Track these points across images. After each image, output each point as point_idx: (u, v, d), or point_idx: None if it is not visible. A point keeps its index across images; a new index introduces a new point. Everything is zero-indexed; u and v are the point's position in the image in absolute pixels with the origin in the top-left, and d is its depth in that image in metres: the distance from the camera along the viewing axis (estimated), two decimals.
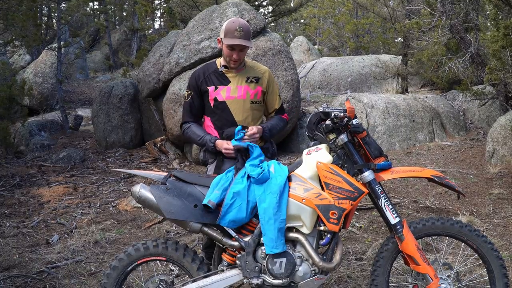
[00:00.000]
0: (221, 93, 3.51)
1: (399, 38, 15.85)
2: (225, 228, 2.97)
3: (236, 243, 2.97)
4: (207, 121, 3.62)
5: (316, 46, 26.52)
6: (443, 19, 9.39)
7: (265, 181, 2.96)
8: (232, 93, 3.51)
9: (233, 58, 3.45)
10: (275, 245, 2.86)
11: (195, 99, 3.60)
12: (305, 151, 3.07)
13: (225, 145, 3.37)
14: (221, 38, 3.47)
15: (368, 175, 2.97)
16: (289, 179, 3.00)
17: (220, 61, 3.63)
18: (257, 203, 2.91)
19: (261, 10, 18.54)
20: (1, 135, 10.14)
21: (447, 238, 3.33)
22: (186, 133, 3.64)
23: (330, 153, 3.01)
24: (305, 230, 2.94)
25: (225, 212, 2.91)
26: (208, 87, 3.53)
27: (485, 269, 3.10)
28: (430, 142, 9.26)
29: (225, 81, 3.54)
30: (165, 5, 22.17)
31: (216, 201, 2.94)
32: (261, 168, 3.02)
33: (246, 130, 3.35)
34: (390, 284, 3.13)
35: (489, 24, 11.74)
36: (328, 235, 2.95)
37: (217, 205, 2.96)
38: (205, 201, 2.95)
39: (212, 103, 3.53)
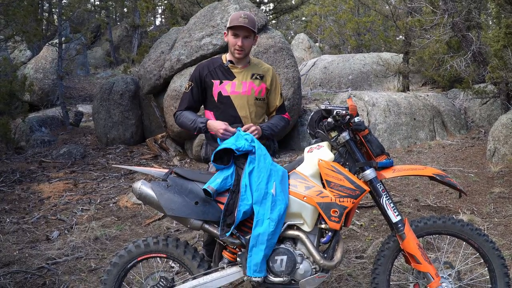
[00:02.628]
0: (226, 87, 3.51)
1: (401, 36, 15.83)
2: None
3: (237, 241, 2.96)
4: (210, 115, 3.60)
5: (317, 44, 26.50)
6: (445, 17, 9.37)
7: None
8: (236, 88, 3.51)
9: (237, 46, 3.45)
10: (259, 269, 2.85)
11: (195, 91, 3.60)
12: (306, 149, 3.06)
13: (223, 126, 3.29)
14: (227, 30, 3.50)
15: (369, 173, 2.96)
16: (290, 176, 2.99)
17: (225, 57, 3.63)
18: (253, 223, 2.87)
19: (263, 7, 18.51)
20: (1, 130, 10.13)
21: (448, 236, 3.32)
22: (179, 119, 3.61)
23: (331, 151, 3.00)
24: (306, 228, 2.93)
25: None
26: (213, 81, 3.53)
27: (486, 268, 3.10)
28: (431, 141, 9.25)
29: (230, 76, 3.54)
30: (166, 1, 22.12)
31: (216, 187, 2.94)
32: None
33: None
34: (391, 283, 3.12)
35: (491, 23, 11.72)
36: (329, 233, 2.94)
37: (217, 193, 2.96)
38: (205, 186, 2.94)
39: (216, 98, 3.52)
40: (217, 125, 3.32)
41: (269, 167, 2.96)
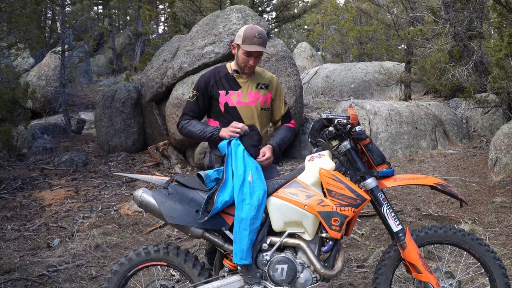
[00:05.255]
0: (232, 98, 3.49)
1: (403, 45, 15.89)
2: (226, 233, 2.97)
3: None
4: (215, 125, 3.60)
5: (319, 52, 26.58)
6: (447, 26, 9.40)
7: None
8: (242, 98, 3.50)
9: (248, 65, 3.45)
10: (245, 256, 2.87)
11: (200, 100, 3.55)
12: (307, 158, 3.06)
13: (234, 126, 3.28)
14: (237, 44, 3.47)
15: (370, 182, 2.96)
16: (291, 185, 2.99)
17: (231, 66, 3.62)
18: (235, 211, 2.91)
19: (265, 15, 18.63)
20: (3, 137, 10.16)
21: (449, 246, 3.31)
22: (185, 128, 3.53)
23: (332, 160, 3.00)
24: (307, 236, 2.93)
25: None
26: (219, 91, 3.51)
27: (487, 278, 3.09)
28: (433, 150, 9.24)
29: (236, 86, 3.54)
30: (169, 10, 22.23)
31: (208, 172, 3.05)
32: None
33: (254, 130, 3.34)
34: None
35: (493, 32, 11.74)
36: (330, 242, 2.94)
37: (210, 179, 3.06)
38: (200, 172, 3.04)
39: (222, 108, 3.52)
40: (227, 128, 3.31)
41: (243, 157, 3.06)
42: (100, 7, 31.00)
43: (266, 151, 3.37)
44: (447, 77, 9.85)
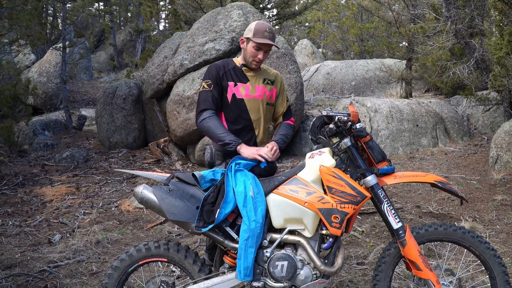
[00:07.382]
0: (240, 90, 3.52)
1: (404, 43, 15.87)
2: (227, 230, 2.97)
3: (237, 245, 2.96)
4: (221, 116, 3.60)
5: (320, 50, 26.54)
6: (448, 24, 9.38)
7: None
8: (250, 91, 3.53)
9: (257, 58, 3.48)
10: (249, 273, 2.87)
11: (217, 89, 3.51)
12: (308, 155, 3.06)
13: (262, 153, 3.26)
14: (247, 38, 3.51)
15: (371, 179, 2.96)
16: (292, 182, 2.99)
17: (238, 60, 3.65)
18: (240, 231, 2.90)
19: (266, 12, 18.57)
20: (5, 134, 10.16)
21: (449, 244, 3.31)
22: (206, 122, 3.40)
23: (333, 157, 3.00)
24: (307, 233, 2.93)
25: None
26: (228, 82, 3.53)
27: (487, 276, 3.09)
28: (434, 147, 9.24)
29: (244, 79, 3.56)
30: (170, 6, 22.23)
31: (203, 173, 3.08)
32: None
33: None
34: None
35: (494, 30, 11.73)
36: (330, 239, 2.94)
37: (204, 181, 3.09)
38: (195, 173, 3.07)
39: (229, 99, 3.53)
40: (252, 151, 3.27)
41: (241, 173, 3.05)
42: (101, 3, 31.01)
43: (272, 146, 3.36)
44: (448, 74, 9.84)
